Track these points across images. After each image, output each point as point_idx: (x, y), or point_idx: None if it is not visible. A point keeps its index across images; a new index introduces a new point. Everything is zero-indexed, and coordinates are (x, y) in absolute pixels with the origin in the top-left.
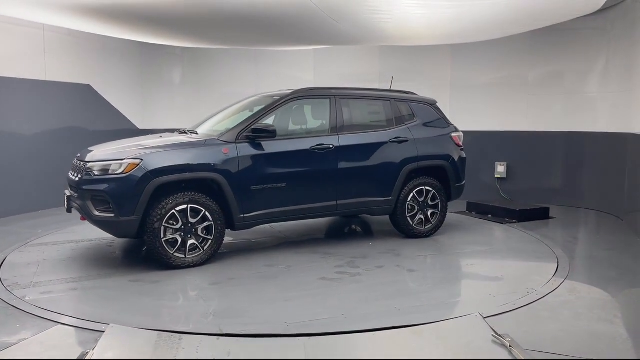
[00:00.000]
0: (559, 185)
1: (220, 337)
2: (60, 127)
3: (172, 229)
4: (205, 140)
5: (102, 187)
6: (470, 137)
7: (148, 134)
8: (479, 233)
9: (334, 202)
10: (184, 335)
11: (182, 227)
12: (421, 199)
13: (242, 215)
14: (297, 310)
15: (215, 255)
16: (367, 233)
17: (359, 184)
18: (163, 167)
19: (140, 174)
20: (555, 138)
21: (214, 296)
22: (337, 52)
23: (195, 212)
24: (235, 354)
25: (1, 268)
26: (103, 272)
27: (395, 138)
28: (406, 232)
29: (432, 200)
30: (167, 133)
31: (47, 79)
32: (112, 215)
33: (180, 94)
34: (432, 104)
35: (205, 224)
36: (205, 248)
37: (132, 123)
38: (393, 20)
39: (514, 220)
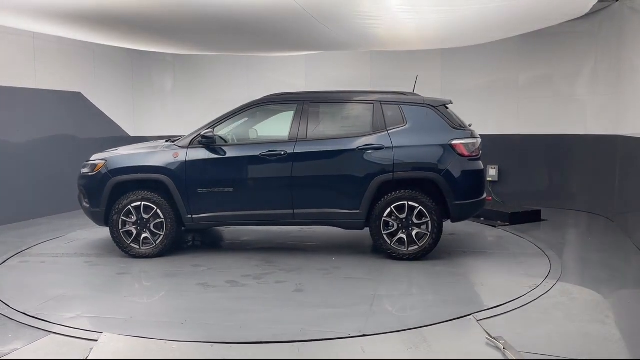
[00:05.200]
0: (550, 187)
1: (215, 344)
2: (51, 135)
3: (130, 222)
4: (164, 145)
5: (82, 182)
6: None
7: (142, 142)
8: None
9: (290, 211)
10: (178, 343)
11: (138, 221)
12: (402, 216)
13: (190, 216)
14: (115, 307)
15: (166, 249)
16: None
17: (318, 194)
18: (119, 168)
19: (102, 173)
20: (546, 141)
21: (90, 284)
22: (329, 57)
23: (150, 209)
24: None
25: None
26: (87, 252)
27: (366, 146)
28: (385, 252)
29: (418, 219)
30: (164, 139)
31: (38, 87)
32: (88, 206)
33: (172, 101)
34: (436, 106)
35: (158, 220)
36: (157, 242)
37: (123, 130)
38: (383, 25)
39: (506, 223)
